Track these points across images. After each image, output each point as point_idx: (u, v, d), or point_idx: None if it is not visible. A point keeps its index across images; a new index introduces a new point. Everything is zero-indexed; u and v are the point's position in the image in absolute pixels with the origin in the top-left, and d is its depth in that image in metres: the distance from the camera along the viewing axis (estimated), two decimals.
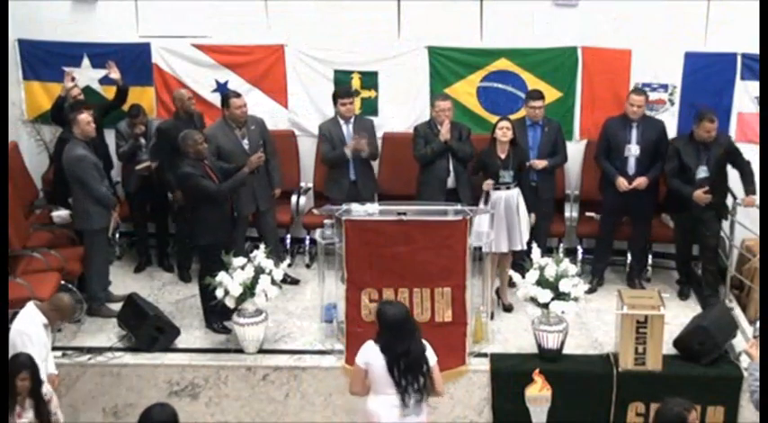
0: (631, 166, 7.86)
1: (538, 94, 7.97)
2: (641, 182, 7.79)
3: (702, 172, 7.62)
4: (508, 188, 7.49)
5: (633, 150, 7.85)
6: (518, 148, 7.61)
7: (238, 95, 8.00)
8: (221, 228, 7.32)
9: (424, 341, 5.65)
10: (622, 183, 7.79)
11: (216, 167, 7.43)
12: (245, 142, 7.96)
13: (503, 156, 7.50)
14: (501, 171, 7.46)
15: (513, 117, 8.08)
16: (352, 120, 8.14)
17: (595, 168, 8.19)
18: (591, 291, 7.96)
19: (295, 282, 8.29)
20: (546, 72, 8.51)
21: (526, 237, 7.53)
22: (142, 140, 8.25)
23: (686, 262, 8.14)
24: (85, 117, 7.51)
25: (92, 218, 7.54)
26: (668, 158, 7.75)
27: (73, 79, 8.38)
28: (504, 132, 7.46)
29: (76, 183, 7.46)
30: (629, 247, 8.26)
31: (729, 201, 7.83)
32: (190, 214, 7.44)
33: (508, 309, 7.76)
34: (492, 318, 7.50)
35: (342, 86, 8.43)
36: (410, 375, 5.53)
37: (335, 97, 8.13)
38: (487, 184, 7.48)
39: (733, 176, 7.80)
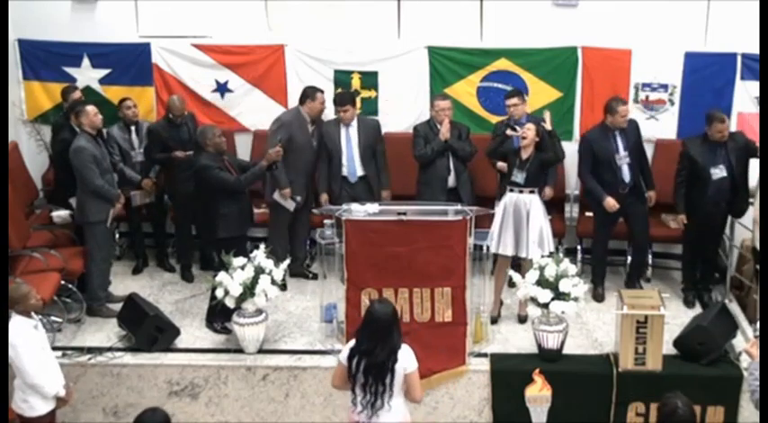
0: (626, 174, 7.73)
1: (513, 93, 7.90)
2: (652, 196, 7.90)
3: (720, 171, 7.55)
4: (521, 191, 7.34)
5: (624, 158, 7.73)
6: (541, 155, 7.36)
7: (322, 91, 8.06)
8: (239, 222, 7.39)
9: (407, 347, 5.48)
10: (612, 204, 7.64)
11: (235, 163, 7.48)
12: (313, 140, 8.03)
13: (524, 156, 7.35)
14: (514, 169, 7.35)
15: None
16: (353, 124, 8.11)
17: None
18: (600, 299, 7.93)
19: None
20: (546, 72, 8.50)
21: (536, 249, 7.21)
22: (135, 139, 8.24)
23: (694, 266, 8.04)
24: (93, 108, 7.59)
25: (87, 210, 7.55)
26: (679, 162, 7.68)
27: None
28: (523, 132, 7.33)
29: (77, 173, 7.48)
30: (633, 247, 8.14)
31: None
32: (203, 207, 7.48)
33: (523, 320, 7.55)
34: (494, 322, 7.50)
35: (339, 93, 8.34)
36: (369, 376, 5.39)
37: (334, 104, 8.14)
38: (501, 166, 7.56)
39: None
